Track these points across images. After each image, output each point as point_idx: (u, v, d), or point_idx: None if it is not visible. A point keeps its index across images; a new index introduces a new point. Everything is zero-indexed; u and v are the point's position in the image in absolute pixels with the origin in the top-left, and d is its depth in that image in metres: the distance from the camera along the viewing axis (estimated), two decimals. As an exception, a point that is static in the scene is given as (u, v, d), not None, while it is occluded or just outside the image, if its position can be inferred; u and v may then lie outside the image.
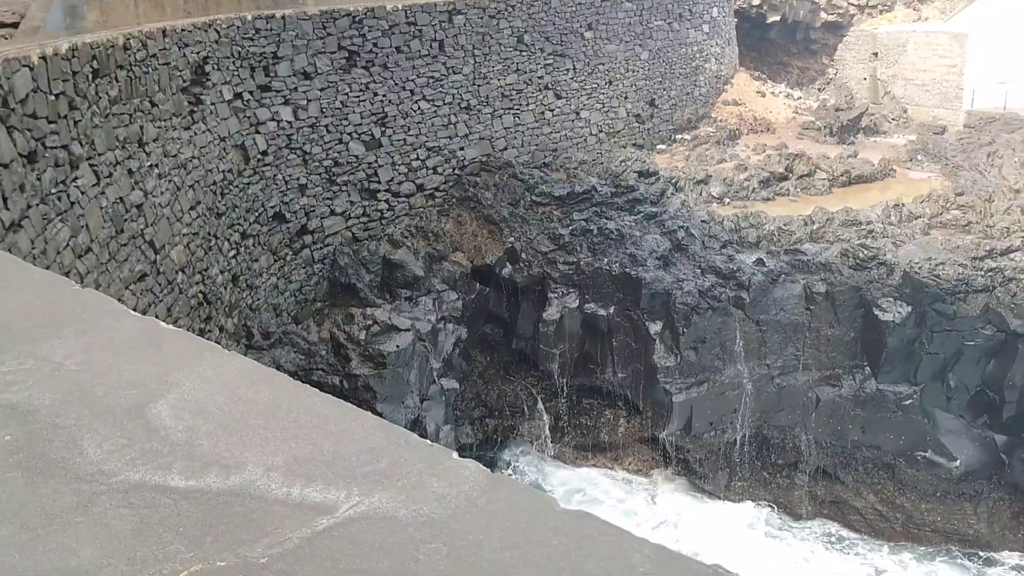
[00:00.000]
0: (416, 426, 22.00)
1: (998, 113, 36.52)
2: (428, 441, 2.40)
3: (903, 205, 28.83)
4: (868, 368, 25.17)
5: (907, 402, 24.75)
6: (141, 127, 17.11)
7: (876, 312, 24.68)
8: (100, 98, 15.31)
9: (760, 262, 26.01)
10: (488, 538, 1.98)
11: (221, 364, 2.83)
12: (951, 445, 24.65)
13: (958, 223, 27.69)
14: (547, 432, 26.78)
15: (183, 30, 20.26)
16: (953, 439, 24.76)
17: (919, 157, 36.33)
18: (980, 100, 38.06)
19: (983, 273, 24.71)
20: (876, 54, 43.91)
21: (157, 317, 16.58)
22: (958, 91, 39.44)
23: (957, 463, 24.45)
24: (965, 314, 24.40)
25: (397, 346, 22.54)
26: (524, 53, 31.33)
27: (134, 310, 12.22)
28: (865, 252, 25.62)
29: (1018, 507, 24.77)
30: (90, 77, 14.88)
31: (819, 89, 45.05)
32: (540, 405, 27.02)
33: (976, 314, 24.40)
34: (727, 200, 31.35)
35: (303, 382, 2.56)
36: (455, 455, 2.32)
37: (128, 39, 16.87)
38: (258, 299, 22.60)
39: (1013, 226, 26.72)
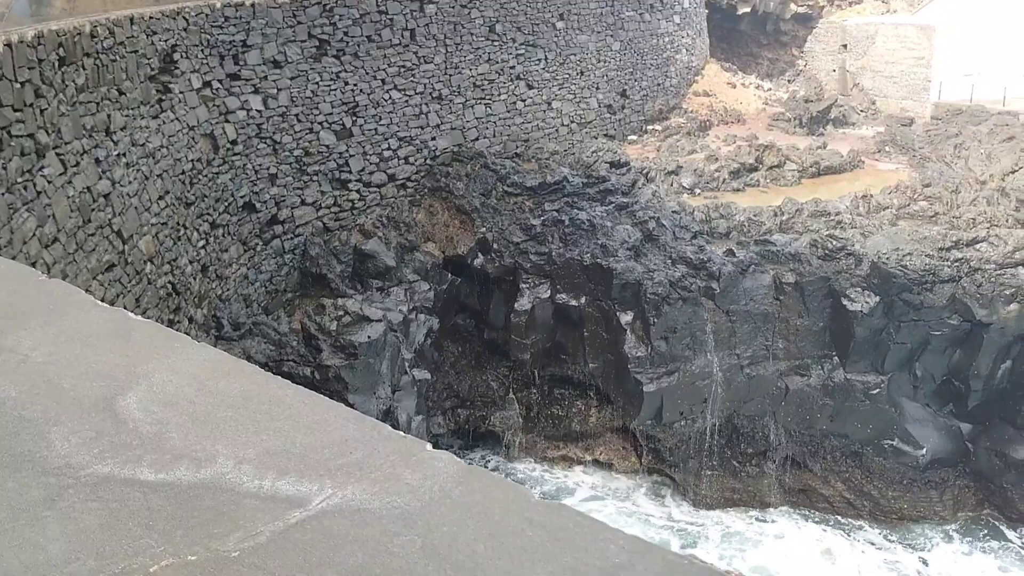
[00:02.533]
0: (388, 417, 21.94)
1: (964, 105, 36.90)
2: (401, 433, 2.39)
3: (871, 196, 29.08)
4: (836, 358, 25.41)
5: (874, 391, 25.02)
6: (108, 116, 16.89)
7: (844, 302, 24.91)
8: (67, 86, 15.09)
9: (730, 252, 26.15)
10: (462, 530, 1.97)
11: (191, 355, 2.79)
12: (917, 434, 24.95)
13: (925, 214, 27.98)
14: (519, 422, 26.81)
15: (151, 18, 20.00)
16: (919, 428, 25.07)
17: (887, 148, 36.68)
18: (947, 92, 38.44)
19: (949, 264, 24.99)
20: (845, 46, 44.24)
21: (125, 308, 16.42)
22: (925, 83, 39.83)
23: (923, 451, 24.76)
24: (932, 304, 24.69)
25: (368, 337, 22.46)
26: (496, 43, 31.24)
27: (102, 301, 12.10)
28: (834, 243, 25.83)
29: (983, 494, 25.14)
30: (56, 65, 14.66)
31: (789, 80, 45.31)
32: (512, 395, 27.04)
33: (942, 304, 24.69)
34: (698, 191, 31.48)
35: (274, 373, 2.54)
36: (429, 447, 2.30)
37: (95, 26, 16.63)
38: (228, 290, 22.42)
39: (979, 217, 27.03)
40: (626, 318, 25.48)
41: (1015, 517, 24.61)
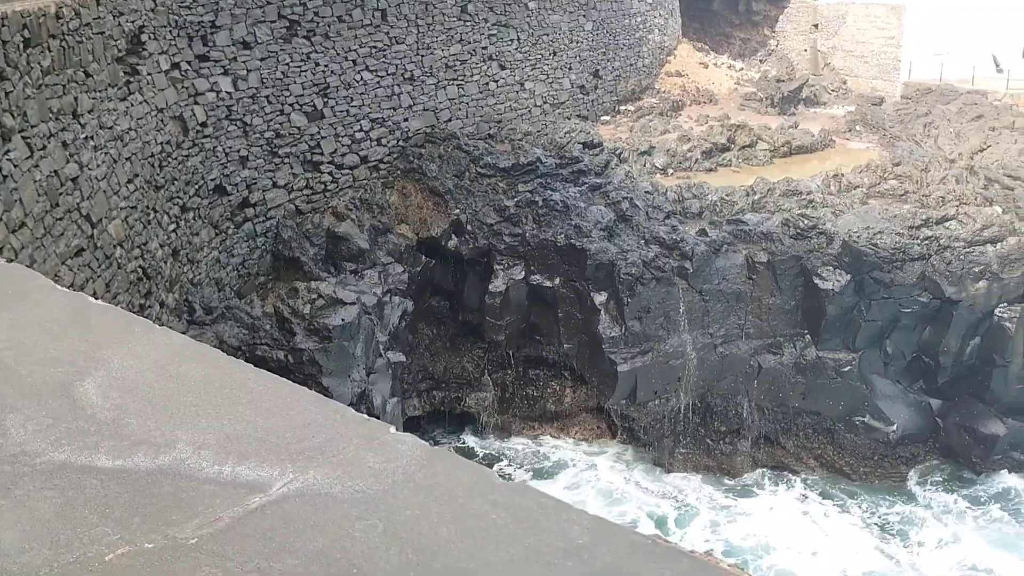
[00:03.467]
0: (363, 399, 21.90)
1: (934, 84, 37.16)
2: (365, 416, 2.36)
3: (842, 175, 29.24)
4: (808, 336, 25.60)
5: (846, 369, 25.25)
6: (75, 98, 16.65)
7: (816, 281, 25.08)
8: (32, 68, 14.85)
9: (703, 232, 26.24)
10: (425, 513, 1.96)
11: (152, 340, 2.75)
12: (888, 410, 25.23)
13: (895, 193, 28.18)
14: (494, 403, 26.85)
15: (117, -2, 19.71)
16: (890, 404, 25.35)
17: (858, 128, 36.87)
18: (917, 71, 38.66)
19: (919, 242, 25.21)
20: (816, 26, 44.37)
21: (95, 293, 16.30)
22: (896, 62, 40.05)
23: (894, 427, 25.05)
24: (902, 282, 24.91)
25: (342, 320, 22.36)
26: (468, 23, 31.05)
27: (71, 286, 11.95)
28: (805, 222, 25.98)
29: (952, 469, 25.47)
30: (21, 47, 14.42)
31: (761, 60, 45.39)
32: (487, 376, 27.06)
33: (912, 282, 24.92)
34: (670, 171, 31.53)
35: (247, 357, 2.51)
36: (392, 429, 2.28)
37: (60, 7, 16.35)
38: (199, 274, 22.23)
39: (948, 195, 27.26)
40: (600, 298, 25.53)
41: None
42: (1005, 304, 24.81)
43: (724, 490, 25.17)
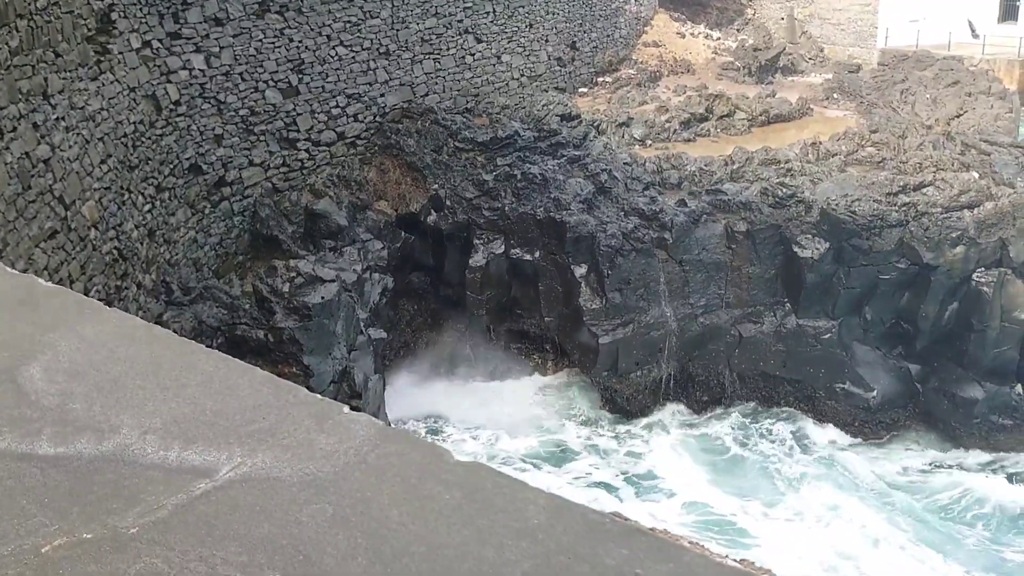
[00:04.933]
0: (344, 377, 21.84)
1: (910, 51, 37.14)
2: (319, 396, 2.30)
3: (820, 143, 29.24)
4: (788, 304, 25.68)
5: (826, 336, 25.36)
6: (45, 79, 16.41)
7: (795, 249, 25.12)
8: (0, 49, 14.63)
9: (682, 203, 26.21)
10: (376, 495, 1.90)
11: (102, 322, 2.67)
12: (868, 376, 25.37)
13: (873, 160, 28.20)
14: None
15: (85, -24, 19.38)
16: (870, 370, 25.48)
17: (835, 95, 36.86)
18: (893, 38, 38.63)
19: (897, 208, 25.26)
20: (793, -7, 44.21)
21: (71, 275, 16.12)
22: (872, 30, 40.03)
23: (874, 393, 25.20)
24: (880, 249, 24.98)
25: (322, 297, 22.23)
26: (442, -4, 30.76)
27: (45, 268, 11.79)
28: (784, 190, 25.98)
29: (933, 435, 25.67)
30: (-13, 27, 14.20)
31: (737, 30, 45.23)
32: (469, 351, 27.02)
33: (890, 248, 25.00)
34: (649, 142, 31.44)
35: (227, 337, 2.44)
36: (346, 409, 2.22)
37: (26, -14, 16.08)
38: (177, 254, 22.05)
39: (925, 162, 27.31)
40: (580, 271, 25.51)
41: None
42: (982, 269, 24.92)
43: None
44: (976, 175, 26.51)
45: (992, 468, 24.22)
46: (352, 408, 2.29)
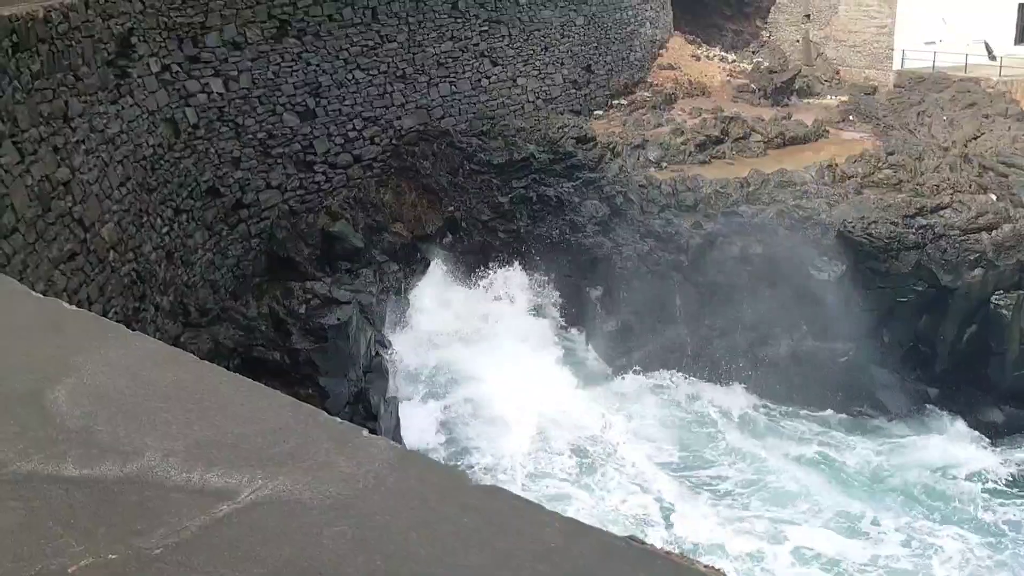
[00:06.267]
0: (360, 399, 21.87)
1: (927, 73, 37.09)
2: (338, 419, 2.33)
3: (836, 165, 29.19)
4: (805, 326, 25.57)
5: (842, 359, 25.22)
6: (66, 102, 16.59)
7: (811, 271, 25.06)
8: (21, 73, 14.81)
9: (698, 225, 26.21)
10: (395, 518, 1.93)
11: (125, 346, 2.72)
12: (886, 399, 25.21)
13: (889, 182, 28.13)
14: None
15: (107, 1, 19.61)
16: (888, 393, 25.32)
17: (851, 118, 36.82)
18: (909, 60, 38.60)
19: (914, 231, 25.18)
20: (808, 16, 44.30)
21: (89, 297, 16.24)
22: (888, 52, 40.00)
23: (892, 416, 25.03)
24: (897, 271, 24.90)
25: (338, 319, 22.29)
26: (459, 20, 30.97)
27: (64, 290, 11.89)
28: (800, 213, 25.95)
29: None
30: (10, 51, 14.38)
31: (753, 52, 45.31)
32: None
33: (908, 271, 24.91)
34: (664, 164, 31.45)
35: (243, 359, 2.47)
36: (365, 432, 2.25)
37: (49, 11, 16.29)
38: (194, 276, 22.17)
39: (942, 184, 27.22)
40: (596, 293, 25.51)
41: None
42: (1001, 291, 24.79)
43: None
44: (994, 197, 26.41)
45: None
46: (369, 431, 2.32)
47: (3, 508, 1.99)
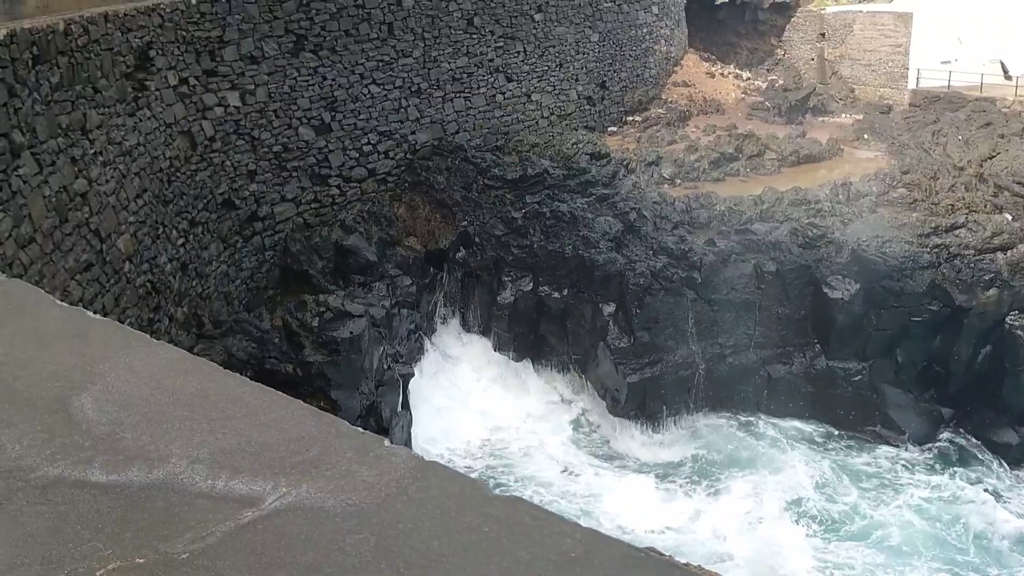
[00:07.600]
0: (371, 412, 21.89)
1: (942, 92, 37.04)
2: (360, 429, 2.36)
3: (851, 184, 29.17)
4: (818, 345, 25.50)
5: (856, 378, 25.13)
6: (84, 114, 16.74)
7: (825, 290, 25.00)
8: (41, 85, 14.95)
9: (711, 242, 26.19)
10: (417, 527, 1.95)
11: (149, 354, 2.75)
12: (899, 419, 25.08)
13: (904, 201, 28.08)
14: None
15: (126, 15, 19.80)
16: (901, 413, 25.20)
17: (866, 136, 36.78)
18: (925, 79, 38.57)
19: (929, 250, 25.11)
20: (823, 34, 44.30)
21: (104, 307, 16.33)
22: (903, 70, 39.94)
23: (905, 436, 24.89)
24: (912, 290, 24.81)
25: (351, 332, 22.36)
26: (474, 36, 31.13)
27: (80, 300, 11.98)
28: (814, 231, 25.91)
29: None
30: (30, 64, 14.52)
31: (767, 70, 45.31)
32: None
33: (923, 290, 24.82)
34: (678, 181, 31.50)
35: (256, 371, 2.51)
36: (387, 442, 2.28)
37: (69, 24, 16.47)
38: (208, 287, 22.28)
39: (957, 203, 27.16)
40: (608, 309, 25.50)
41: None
42: (1016, 312, 24.67)
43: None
44: (1009, 217, 26.32)
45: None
46: (388, 442, 2.34)
47: (32, 512, 2.02)
